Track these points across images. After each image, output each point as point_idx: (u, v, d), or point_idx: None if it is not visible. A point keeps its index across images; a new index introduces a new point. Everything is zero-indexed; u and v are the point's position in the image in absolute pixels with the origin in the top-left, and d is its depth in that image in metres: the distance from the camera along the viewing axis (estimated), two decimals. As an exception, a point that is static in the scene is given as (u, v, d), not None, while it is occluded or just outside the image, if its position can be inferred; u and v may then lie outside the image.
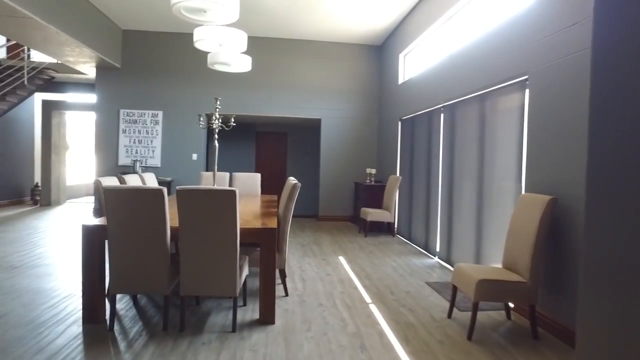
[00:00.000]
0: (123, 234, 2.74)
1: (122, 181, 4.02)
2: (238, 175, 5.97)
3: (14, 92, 8.00)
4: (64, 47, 6.78)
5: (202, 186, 2.69)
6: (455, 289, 3.23)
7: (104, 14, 7.39)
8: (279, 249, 3.57)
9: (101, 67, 7.98)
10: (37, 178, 9.98)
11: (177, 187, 2.68)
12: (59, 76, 9.28)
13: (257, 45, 8.19)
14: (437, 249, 5.43)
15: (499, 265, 3.34)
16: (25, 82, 8.16)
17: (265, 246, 3.03)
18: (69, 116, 10.35)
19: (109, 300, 2.84)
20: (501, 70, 3.97)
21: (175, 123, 8.12)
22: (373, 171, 7.88)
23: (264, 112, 8.39)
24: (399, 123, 7.27)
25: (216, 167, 4.23)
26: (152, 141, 8.06)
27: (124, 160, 8.05)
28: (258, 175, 6.03)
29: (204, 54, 7.90)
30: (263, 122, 9.69)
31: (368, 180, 7.96)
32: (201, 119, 4.25)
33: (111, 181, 3.70)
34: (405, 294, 3.91)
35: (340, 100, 8.60)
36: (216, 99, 4.18)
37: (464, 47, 4.86)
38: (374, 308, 3.49)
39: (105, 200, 2.69)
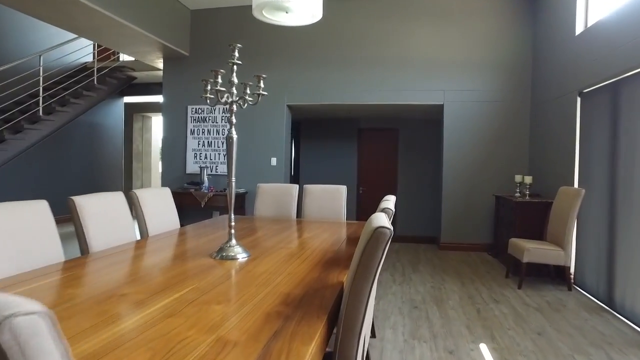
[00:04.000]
0: None
1: (72, 208, 2.19)
2: (311, 190, 3.88)
3: (81, 94, 7.14)
4: (110, 31, 5.50)
5: None
6: None
7: (167, -10, 6.03)
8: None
9: (169, 58, 6.67)
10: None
11: None
12: (141, 76, 8.36)
13: (353, 11, 6.06)
14: (700, 345, 2.59)
15: None
16: (95, 82, 7.27)
17: None
18: (155, 121, 9.50)
19: None
20: None
21: (249, 119, 6.40)
22: (527, 180, 5.09)
23: (365, 100, 6.17)
24: (578, 100, 4.42)
25: (234, 176, 2.17)
26: (223, 143, 6.46)
27: (192, 167, 6.59)
28: (342, 190, 3.85)
29: (285, 28, 6.06)
30: (366, 115, 7.48)
31: (518, 194, 5.20)
32: (208, 86, 2.26)
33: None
34: None
35: (471, 77, 5.96)
36: (233, 47, 2.14)
37: None
38: None
39: None
